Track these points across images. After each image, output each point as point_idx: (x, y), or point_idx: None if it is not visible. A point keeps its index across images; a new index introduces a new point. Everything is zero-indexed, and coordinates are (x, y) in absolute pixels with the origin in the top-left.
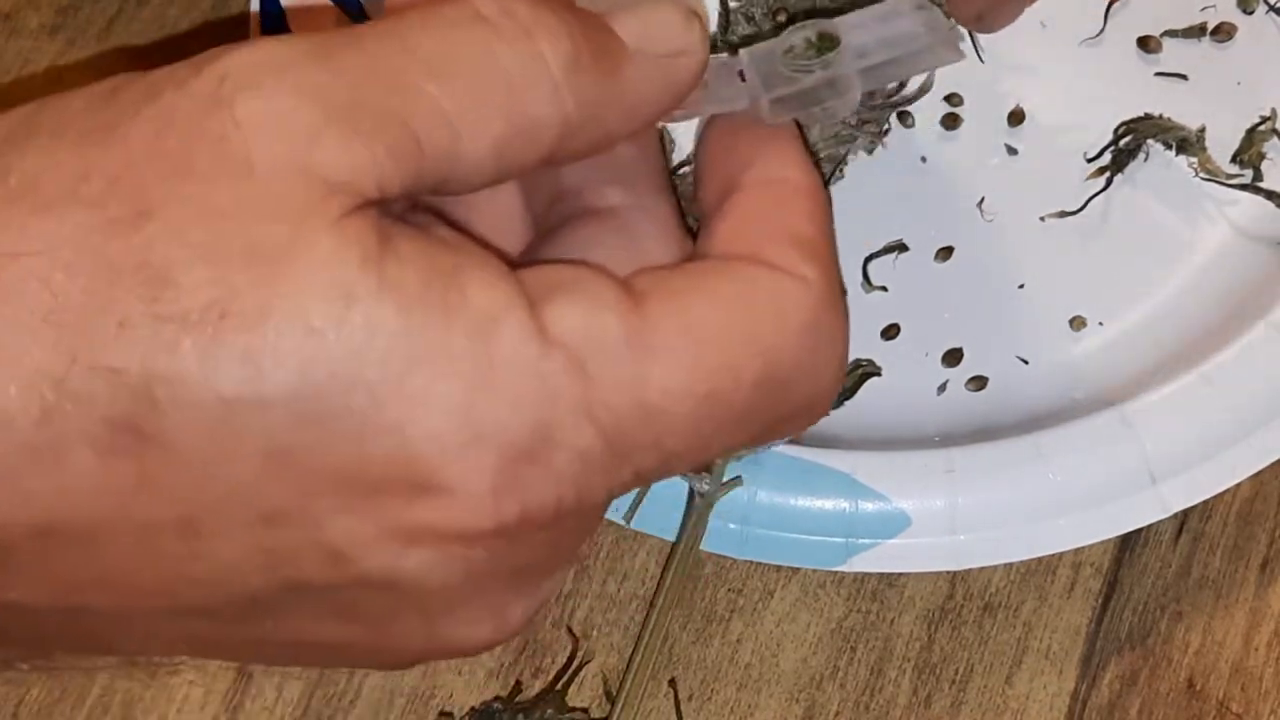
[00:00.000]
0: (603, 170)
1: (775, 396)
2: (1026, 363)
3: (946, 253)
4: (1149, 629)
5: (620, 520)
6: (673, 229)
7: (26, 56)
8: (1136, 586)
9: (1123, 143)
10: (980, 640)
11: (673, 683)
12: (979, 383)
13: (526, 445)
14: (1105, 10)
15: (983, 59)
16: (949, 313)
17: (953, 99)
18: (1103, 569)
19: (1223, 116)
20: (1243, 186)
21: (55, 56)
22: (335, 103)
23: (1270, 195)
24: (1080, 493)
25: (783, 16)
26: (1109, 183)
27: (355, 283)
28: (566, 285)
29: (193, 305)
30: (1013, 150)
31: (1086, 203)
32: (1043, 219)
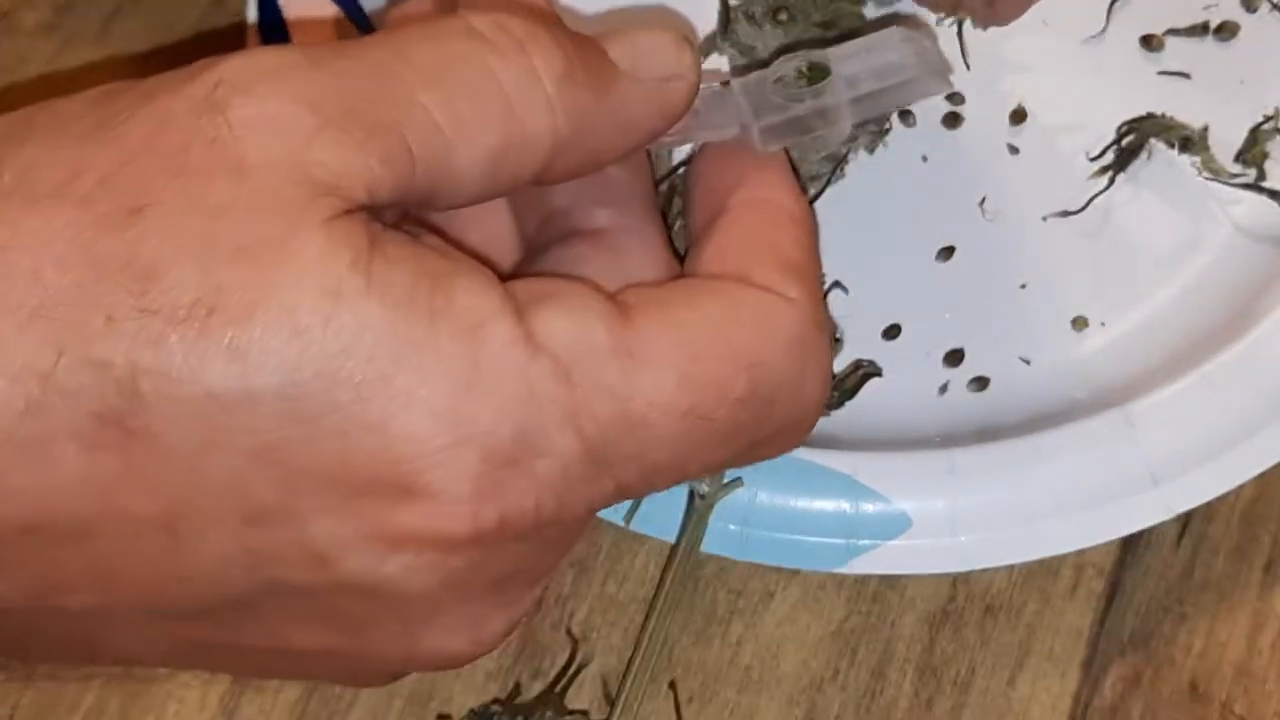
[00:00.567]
0: (592, 191)
1: (760, 413)
2: (1028, 363)
3: (948, 252)
4: (1152, 631)
5: (620, 521)
6: (660, 250)
7: (23, 55)
8: (1139, 588)
9: (1125, 142)
10: (982, 642)
11: (672, 685)
12: (980, 383)
13: (509, 450)
14: (1108, 8)
15: (969, 66)
16: (950, 313)
17: (954, 98)
18: (1105, 570)
19: (1226, 115)
20: (1246, 186)
21: (52, 55)
22: (329, 109)
23: (1274, 195)
24: (1082, 494)
25: (784, 16)
26: (1111, 182)
27: (343, 281)
28: (555, 294)
29: (180, 301)
30: (1014, 149)
31: (1089, 202)
32: (1045, 218)
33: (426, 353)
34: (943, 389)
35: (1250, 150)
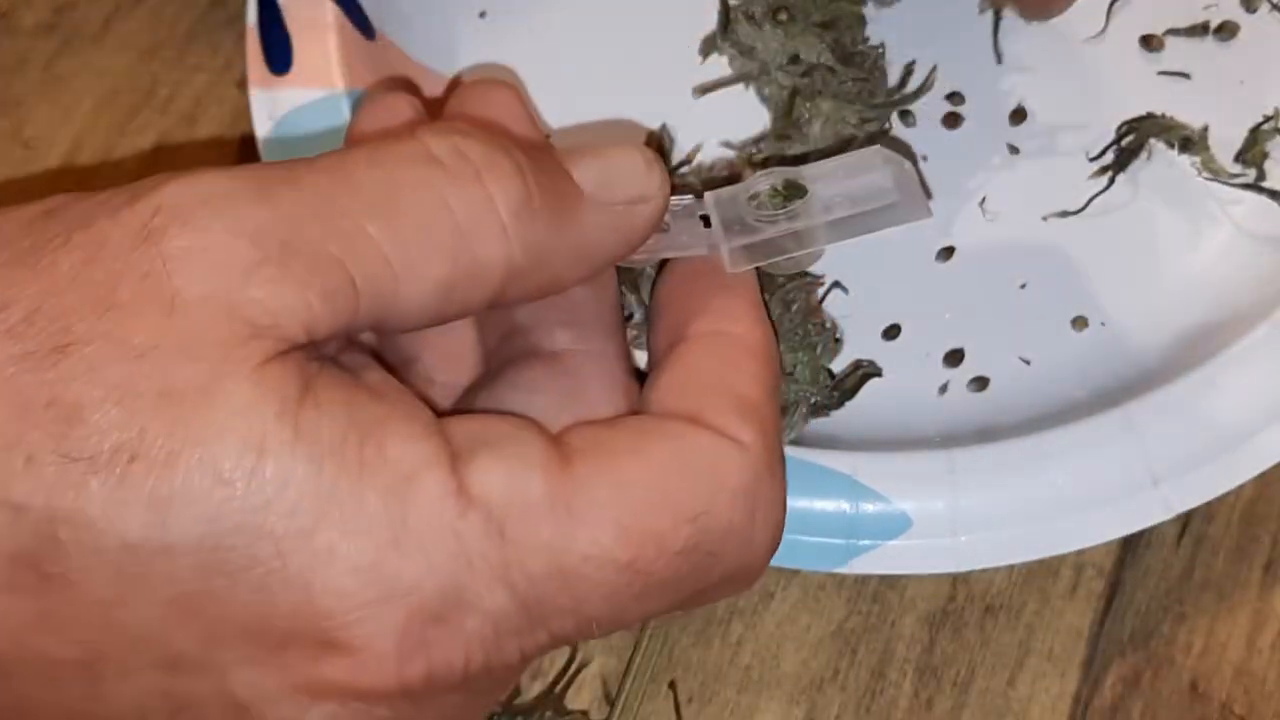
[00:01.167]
0: (554, 311)
1: (703, 565)
2: (1028, 363)
3: (948, 252)
4: (1151, 631)
5: None
6: (618, 377)
7: (23, 55)
8: (1139, 588)
9: (1125, 142)
10: (982, 642)
11: (672, 685)
12: (980, 383)
13: (436, 607)
14: (1107, 8)
15: (1001, 60)
16: (950, 313)
17: (954, 98)
18: (1105, 570)
19: (1226, 115)
20: (1246, 186)
21: (51, 55)
22: (270, 241)
23: (1274, 195)
24: (1082, 494)
25: (783, 16)
26: (1111, 182)
27: (269, 434)
28: (492, 441)
29: (102, 446)
30: (1014, 149)
31: (1089, 202)
32: (1045, 218)
33: (352, 508)
34: (943, 389)
35: (1250, 150)
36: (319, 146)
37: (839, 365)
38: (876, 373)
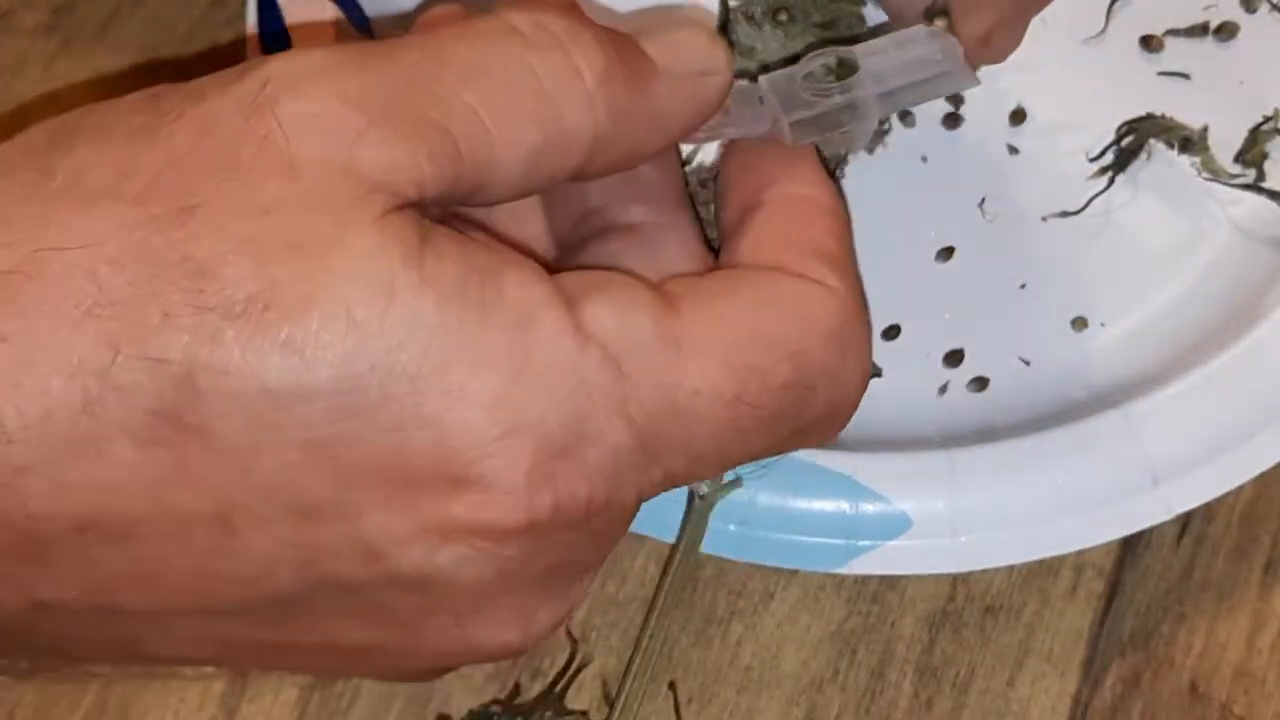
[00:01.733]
0: (626, 188)
1: (802, 401)
2: (1028, 363)
3: (947, 253)
4: (1151, 631)
5: None
6: (695, 244)
7: (22, 55)
8: (1139, 589)
9: (1125, 142)
10: (982, 642)
11: (672, 685)
12: (980, 383)
13: (561, 440)
14: (1107, 9)
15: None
16: (950, 313)
17: (954, 98)
18: (1105, 571)
19: (1226, 116)
20: (1246, 186)
21: (51, 56)
22: (376, 107)
23: (1274, 195)
24: (1082, 494)
25: (783, 16)
26: (1111, 182)
27: (397, 276)
28: (601, 286)
29: (236, 297)
30: (1014, 150)
31: (1088, 202)
32: (1044, 219)
33: (479, 345)
34: (943, 389)
35: (1250, 150)
36: None
37: None
38: (876, 373)
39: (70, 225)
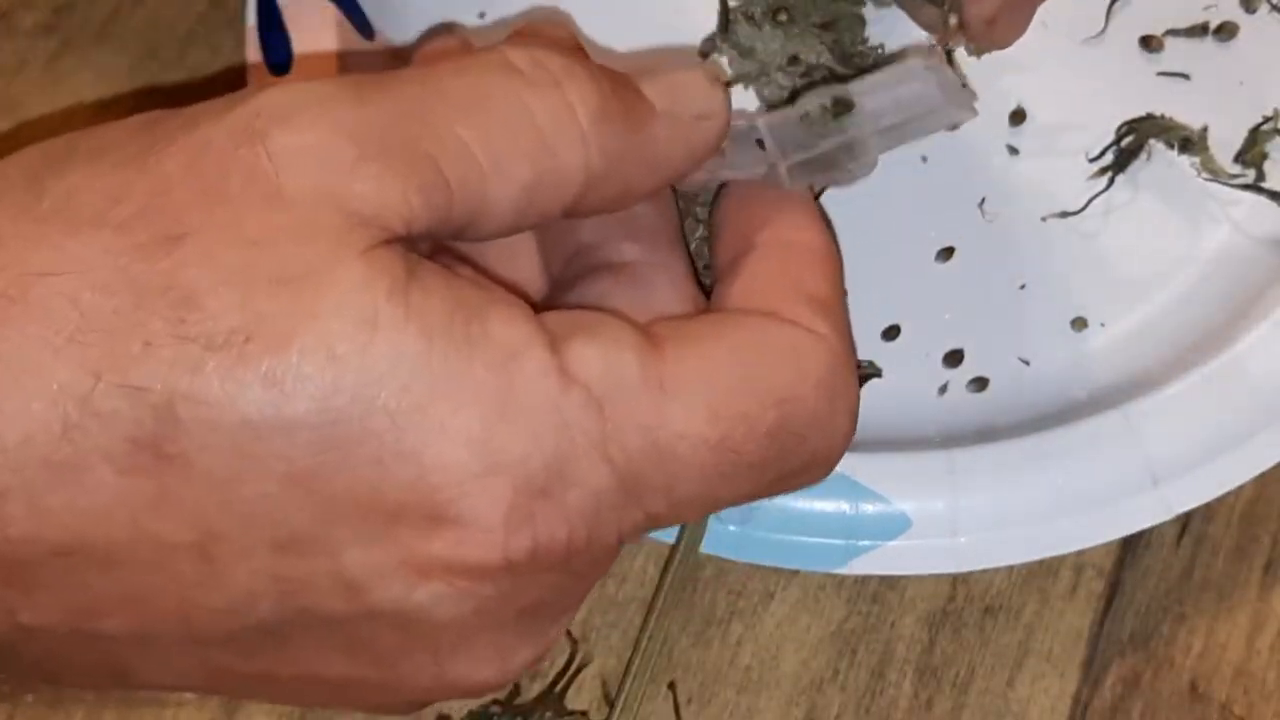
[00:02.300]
0: (619, 226)
1: (788, 449)
2: (1028, 364)
3: (947, 253)
4: (1151, 631)
5: None
6: (687, 284)
7: (22, 56)
8: (1139, 589)
9: (1124, 142)
10: (981, 643)
11: (672, 686)
12: (980, 384)
13: (541, 480)
14: (1107, 9)
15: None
16: (950, 313)
17: None
18: (1105, 571)
19: (1225, 116)
20: (1245, 186)
21: (51, 56)
22: (367, 140)
23: (1273, 195)
24: (1082, 494)
25: (783, 16)
26: (1111, 183)
27: (381, 311)
28: (587, 326)
29: (219, 328)
30: (1014, 150)
31: (1088, 203)
32: (1044, 219)
33: (461, 382)
34: (942, 389)
35: (1250, 151)
36: None
37: None
38: (876, 373)
39: (57, 250)
